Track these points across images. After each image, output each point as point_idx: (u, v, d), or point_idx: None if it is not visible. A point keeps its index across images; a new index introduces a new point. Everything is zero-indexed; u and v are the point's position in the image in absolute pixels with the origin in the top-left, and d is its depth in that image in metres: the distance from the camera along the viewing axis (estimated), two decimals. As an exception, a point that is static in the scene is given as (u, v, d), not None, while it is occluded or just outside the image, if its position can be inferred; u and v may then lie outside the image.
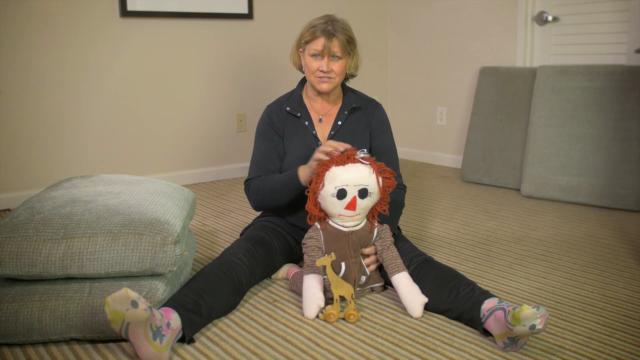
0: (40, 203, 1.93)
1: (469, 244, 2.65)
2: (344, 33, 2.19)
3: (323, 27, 2.18)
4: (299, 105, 2.31)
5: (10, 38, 3.21)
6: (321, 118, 2.31)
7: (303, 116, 2.30)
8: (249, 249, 2.09)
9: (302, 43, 2.23)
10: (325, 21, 2.21)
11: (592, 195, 3.22)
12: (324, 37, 2.17)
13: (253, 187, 2.24)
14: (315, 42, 2.18)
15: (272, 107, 2.34)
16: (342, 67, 2.21)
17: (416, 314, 1.91)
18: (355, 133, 2.30)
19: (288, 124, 2.30)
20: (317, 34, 2.18)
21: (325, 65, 2.17)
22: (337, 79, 2.23)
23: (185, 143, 3.89)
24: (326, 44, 2.16)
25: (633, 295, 2.08)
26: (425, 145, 4.55)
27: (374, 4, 4.59)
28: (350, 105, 2.31)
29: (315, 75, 2.21)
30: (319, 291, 1.94)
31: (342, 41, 2.18)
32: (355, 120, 2.33)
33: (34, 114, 3.33)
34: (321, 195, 1.95)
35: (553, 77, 3.44)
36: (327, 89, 2.23)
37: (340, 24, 2.21)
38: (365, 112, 2.34)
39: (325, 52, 2.17)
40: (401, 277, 1.95)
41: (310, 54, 2.20)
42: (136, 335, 1.61)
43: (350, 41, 2.23)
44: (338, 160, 1.94)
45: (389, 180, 2.00)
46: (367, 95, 2.42)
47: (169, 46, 3.72)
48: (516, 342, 1.68)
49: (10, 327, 1.74)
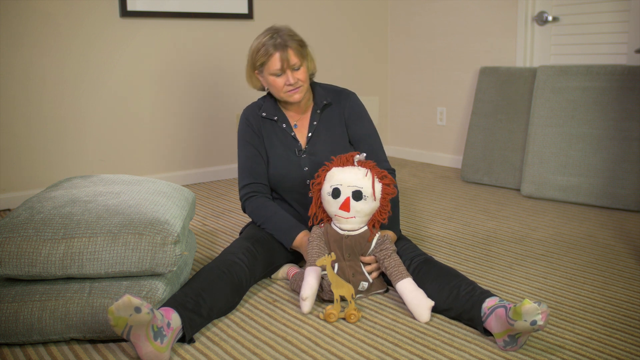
0: (40, 203, 1.93)
1: (469, 244, 2.65)
2: (293, 40, 2.17)
3: (272, 42, 2.14)
4: (274, 109, 2.31)
5: (10, 38, 3.21)
6: (296, 124, 2.32)
7: (280, 119, 2.31)
8: (249, 248, 2.09)
9: (258, 66, 2.20)
10: (271, 35, 2.16)
11: (592, 195, 3.22)
12: (278, 52, 2.13)
13: (248, 211, 2.28)
14: (271, 61, 2.15)
15: (248, 111, 2.34)
16: (305, 73, 2.20)
17: (424, 318, 1.89)
18: (332, 128, 2.31)
19: (266, 128, 2.31)
20: (270, 51, 2.13)
21: (291, 77, 2.16)
22: (305, 85, 2.23)
23: (185, 143, 3.89)
24: (283, 57, 2.13)
25: (633, 295, 2.08)
26: (425, 145, 4.55)
27: (374, 4, 4.59)
28: (321, 102, 2.31)
29: (284, 90, 2.20)
30: (314, 279, 1.96)
31: (295, 49, 2.15)
32: (329, 115, 2.33)
33: (34, 114, 3.33)
34: (322, 195, 2.03)
35: (553, 77, 3.43)
36: (299, 98, 2.22)
37: (286, 31, 2.18)
38: (338, 105, 2.34)
39: (286, 66, 2.14)
40: (405, 284, 1.94)
41: (270, 74, 2.17)
42: (137, 337, 1.61)
43: (302, 44, 2.21)
44: (338, 162, 2.03)
45: (388, 188, 2.00)
46: (337, 87, 2.40)
47: (169, 46, 3.72)
48: (516, 340, 1.68)
49: (10, 327, 1.74)
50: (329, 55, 4.40)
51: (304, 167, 2.27)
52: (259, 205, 2.25)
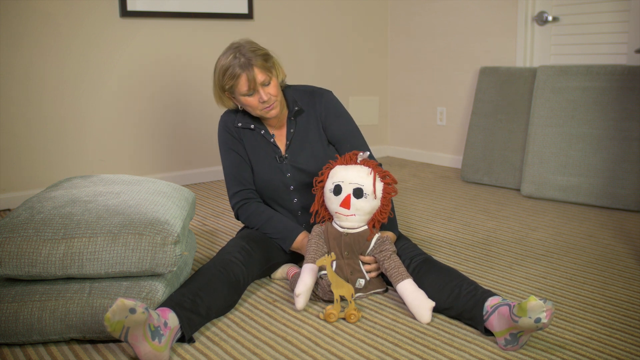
0: (40, 203, 1.93)
1: (469, 244, 2.65)
2: (257, 55, 2.08)
3: (236, 62, 2.06)
4: (249, 118, 2.27)
5: (10, 38, 3.21)
6: (273, 134, 2.28)
7: (257, 127, 2.26)
8: (244, 247, 2.09)
9: (228, 89, 2.14)
10: (234, 55, 2.08)
11: (592, 195, 3.22)
12: (244, 73, 2.06)
13: (243, 218, 2.27)
14: (239, 83, 2.08)
15: (225, 117, 2.30)
16: (276, 87, 2.14)
17: (425, 319, 1.89)
18: (309, 133, 2.27)
19: (245, 135, 2.28)
20: (237, 71, 2.06)
21: (264, 94, 2.10)
22: (279, 98, 2.18)
23: (185, 143, 3.89)
24: (250, 77, 2.06)
25: (633, 295, 2.08)
26: (425, 145, 4.55)
27: (374, 4, 4.59)
28: (293, 109, 2.25)
29: (260, 108, 2.14)
30: (310, 277, 1.96)
31: (261, 65, 2.08)
32: (306, 119, 2.28)
33: (34, 114, 3.33)
34: (325, 192, 2.05)
35: (553, 77, 3.43)
36: (276, 113, 2.18)
37: (248, 47, 2.10)
38: (312, 108, 2.28)
39: (254, 85, 2.08)
40: (405, 285, 1.94)
41: (242, 94, 2.12)
42: (135, 337, 1.61)
43: (267, 58, 2.12)
44: (342, 160, 2.06)
45: (389, 187, 2.02)
46: (310, 87, 2.34)
47: (169, 46, 3.72)
48: (517, 339, 1.68)
49: (10, 327, 1.74)
50: (329, 55, 4.40)
51: (287, 173, 2.26)
52: (253, 212, 2.24)
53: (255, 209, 2.24)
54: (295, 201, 2.27)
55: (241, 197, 2.27)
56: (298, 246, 2.17)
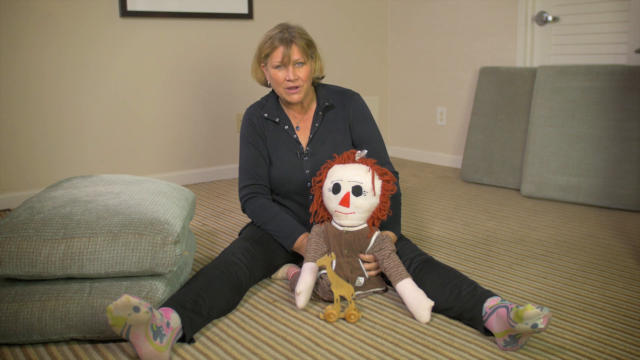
0: (40, 203, 1.93)
1: (469, 244, 2.65)
2: (301, 38, 2.18)
3: (280, 36, 2.16)
4: (276, 110, 2.31)
5: (10, 38, 3.21)
6: (298, 126, 2.31)
7: (282, 121, 2.30)
8: (248, 248, 2.09)
9: (263, 57, 2.22)
10: (280, 30, 2.19)
11: (592, 195, 3.22)
12: (282, 46, 2.15)
13: (248, 211, 2.28)
14: (275, 53, 2.16)
15: (251, 111, 2.34)
16: (307, 72, 2.20)
17: (424, 319, 1.89)
18: (335, 130, 2.30)
19: (269, 129, 2.31)
20: (276, 44, 2.16)
21: (292, 73, 2.16)
22: (305, 86, 2.22)
23: (185, 143, 3.89)
24: (286, 52, 2.14)
25: (633, 295, 2.08)
26: (425, 145, 4.55)
27: (374, 4, 4.59)
28: (323, 104, 2.31)
29: (284, 86, 2.20)
30: (310, 275, 1.96)
31: (301, 46, 2.17)
32: (333, 117, 2.32)
33: (34, 114, 3.33)
34: (323, 192, 2.05)
35: (553, 77, 3.44)
36: (298, 99, 2.23)
37: (296, 29, 2.20)
38: (342, 107, 2.33)
39: (287, 60, 2.15)
40: (405, 284, 1.94)
41: (273, 66, 2.19)
42: (137, 336, 1.61)
43: (310, 45, 2.22)
44: (340, 159, 2.07)
45: (388, 185, 2.02)
46: (341, 88, 2.40)
47: (169, 46, 3.72)
48: (517, 340, 1.68)
49: (10, 327, 1.74)
50: (329, 55, 4.38)
51: (306, 170, 2.27)
52: (259, 207, 2.25)
53: (263, 204, 2.25)
54: (311, 198, 2.28)
55: (251, 191, 2.28)
56: (299, 246, 2.17)
